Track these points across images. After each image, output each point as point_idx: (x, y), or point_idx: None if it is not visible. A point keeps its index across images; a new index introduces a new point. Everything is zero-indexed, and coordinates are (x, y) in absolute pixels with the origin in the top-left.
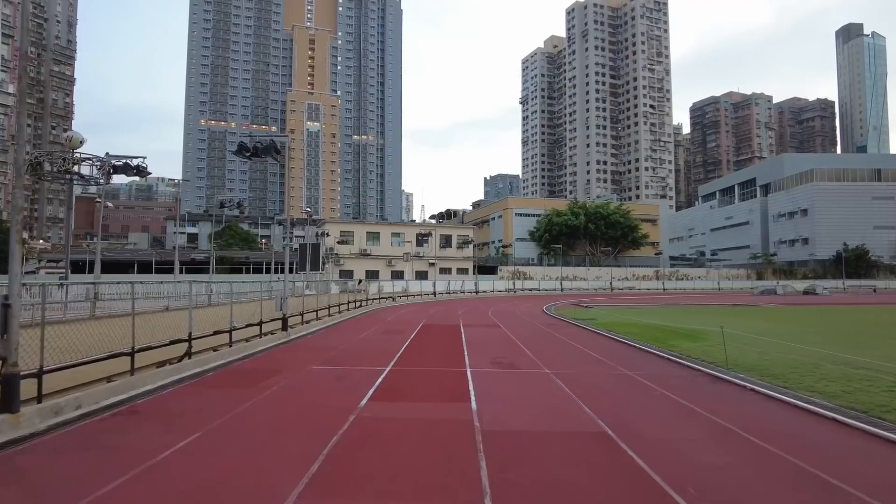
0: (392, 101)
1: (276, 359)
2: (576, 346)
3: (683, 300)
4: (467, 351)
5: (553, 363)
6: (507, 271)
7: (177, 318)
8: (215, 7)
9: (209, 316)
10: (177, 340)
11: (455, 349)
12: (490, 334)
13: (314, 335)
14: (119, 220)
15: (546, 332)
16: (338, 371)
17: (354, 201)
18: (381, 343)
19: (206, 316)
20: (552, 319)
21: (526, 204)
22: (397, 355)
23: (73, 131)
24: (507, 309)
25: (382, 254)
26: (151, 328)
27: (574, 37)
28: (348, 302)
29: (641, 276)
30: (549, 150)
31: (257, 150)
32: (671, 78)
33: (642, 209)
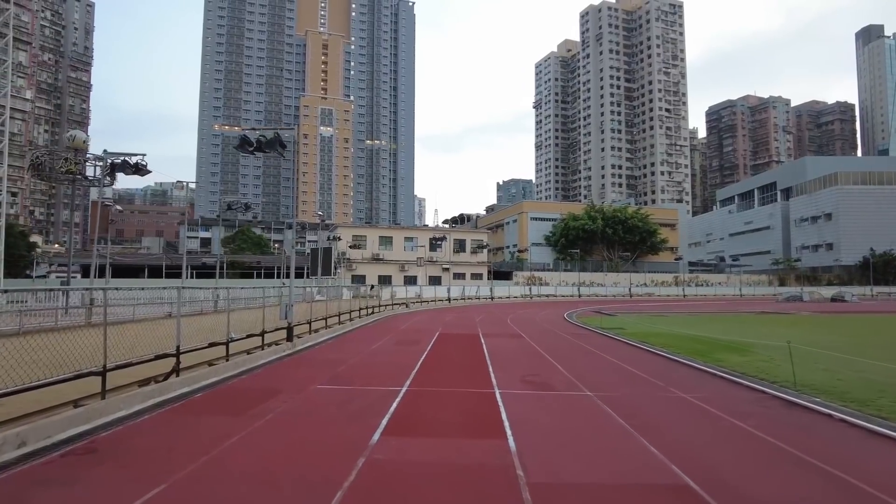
0: (405, 105)
1: (277, 375)
2: (611, 359)
3: (707, 307)
4: (492, 366)
5: (592, 382)
6: (522, 277)
7: (184, 326)
8: (229, 13)
9: (212, 324)
10: (163, 355)
11: (478, 364)
12: (513, 345)
13: (322, 346)
14: (134, 224)
15: (574, 344)
16: (346, 392)
17: (367, 206)
18: (394, 356)
19: (208, 323)
20: (577, 328)
21: (541, 208)
22: (413, 371)
23: (77, 131)
24: (526, 316)
25: (395, 258)
26: (145, 337)
27: (588, 40)
28: (360, 308)
29: (660, 281)
30: (563, 155)
31: (261, 144)
32: (687, 81)
33: (661, 213)
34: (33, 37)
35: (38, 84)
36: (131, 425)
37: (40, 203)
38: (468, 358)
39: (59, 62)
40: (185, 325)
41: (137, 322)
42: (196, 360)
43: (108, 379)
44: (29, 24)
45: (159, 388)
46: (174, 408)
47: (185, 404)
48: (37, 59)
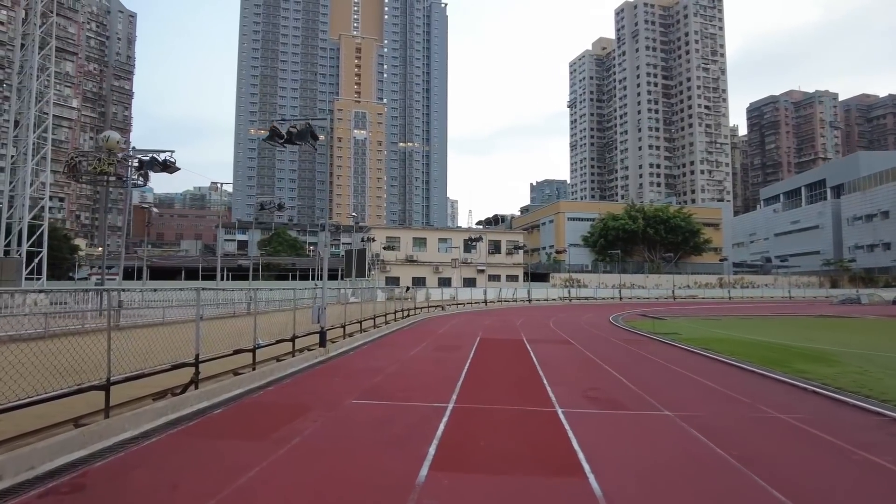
0: (437, 107)
1: (307, 386)
2: (677, 370)
3: (758, 310)
4: (546, 378)
5: (666, 399)
6: (559, 278)
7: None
8: (264, 19)
9: (240, 328)
10: (180, 364)
11: (529, 375)
12: (564, 353)
13: (357, 352)
14: (173, 228)
15: (630, 351)
16: (384, 409)
17: (400, 208)
18: (435, 364)
19: (237, 327)
20: (627, 333)
21: (579, 208)
22: (458, 384)
23: (111, 132)
24: (569, 320)
25: (429, 260)
26: (168, 342)
27: (624, 37)
28: (395, 311)
29: (704, 283)
30: (599, 154)
31: (291, 135)
32: (727, 77)
33: (704, 213)
34: (79, 47)
35: (84, 93)
36: (135, 451)
37: (86, 208)
38: (517, 367)
39: (104, 71)
40: (213, 328)
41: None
42: (221, 367)
43: (116, 393)
44: (75, 36)
45: (174, 402)
46: (188, 427)
47: (202, 423)
48: (83, 69)
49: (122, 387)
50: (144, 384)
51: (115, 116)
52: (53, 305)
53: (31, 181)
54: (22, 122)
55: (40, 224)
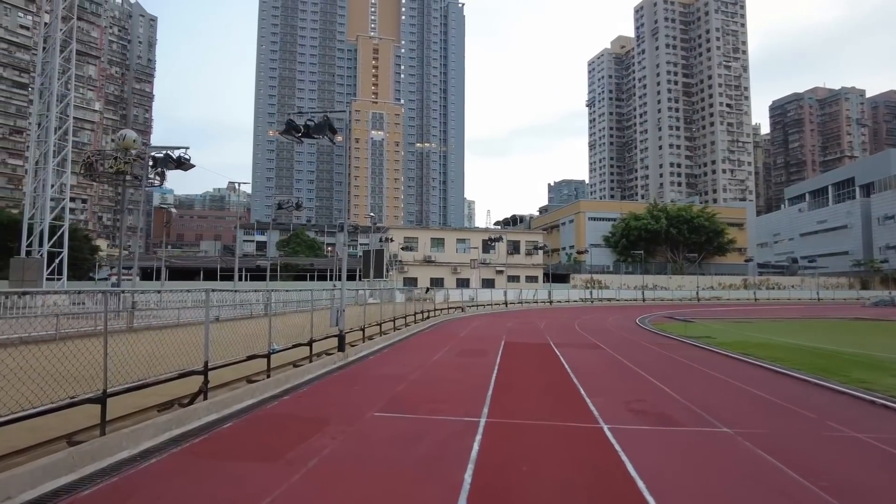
0: (454, 107)
1: (325, 396)
2: (722, 377)
3: (789, 312)
4: (582, 387)
5: (720, 412)
6: (580, 279)
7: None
8: (282, 21)
9: (256, 330)
10: (188, 373)
11: (563, 383)
12: (596, 358)
13: (377, 356)
14: (193, 229)
15: (665, 356)
16: (410, 424)
17: (417, 209)
18: (460, 371)
19: (252, 330)
20: (658, 336)
21: (599, 207)
22: (488, 394)
23: (127, 130)
24: (594, 322)
25: (447, 261)
26: (179, 346)
27: (643, 35)
28: (415, 313)
29: (728, 284)
30: (618, 154)
31: (308, 128)
32: (749, 75)
33: (728, 212)
34: (102, 51)
35: (106, 96)
36: (130, 475)
37: (108, 209)
38: (549, 375)
39: (125, 75)
40: (227, 331)
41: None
42: (234, 374)
43: (116, 404)
44: (98, 40)
45: (179, 415)
46: (193, 445)
47: (208, 440)
48: (105, 73)
49: (125, 397)
50: (151, 393)
51: (136, 119)
52: (74, 306)
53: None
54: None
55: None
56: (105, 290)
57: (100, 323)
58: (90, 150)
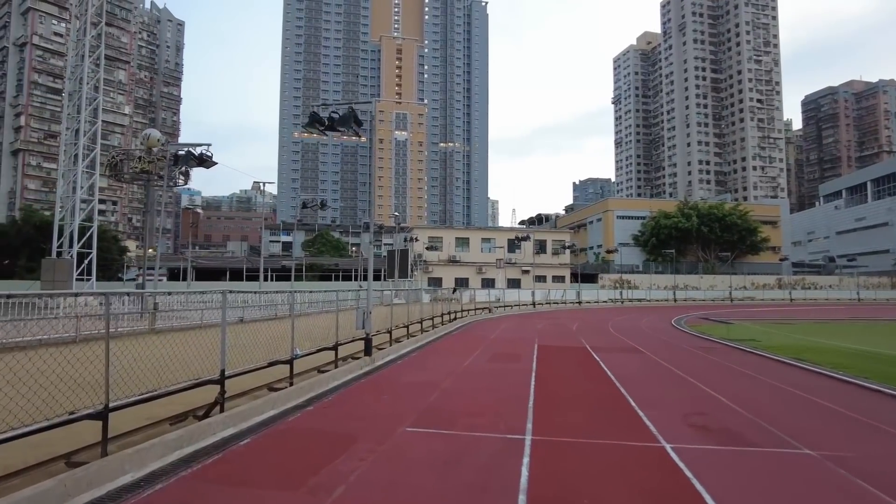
0: (478, 106)
1: (352, 406)
2: (783, 387)
3: (830, 313)
4: (631, 398)
5: (794, 429)
6: (609, 279)
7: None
8: (307, 23)
9: (280, 333)
10: (203, 382)
11: (610, 393)
12: (638, 364)
13: (405, 361)
14: (220, 230)
15: (712, 361)
16: (446, 441)
17: (441, 209)
18: (495, 378)
19: (276, 333)
20: (698, 339)
21: (628, 206)
22: (529, 405)
23: (152, 129)
24: (628, 324)
25: (472, 260)
26: (198, 350)
27: (670, 31)
28: (442, 314)
29: (762, 284)
30: (645, 151)
31: (333, 121)
32: (780, 69)
33: (761, 210)
34: (131, 56)
35: (136, 100)
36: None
37: (137, 210)
38: (592, 383)
39: (154, 78)
40: (248, 334)
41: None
42: (255, 380)
43: (125, 417)
44: (128, 45)
45: (192, 431)
46: (204, 467)
47: (222, 460)
48: (134, 77)
49: (135, 408)
50: (166, 401)
51: (164, 121)
52: (102, 307)
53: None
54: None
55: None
56: (107, 291)
57: (121, 325)
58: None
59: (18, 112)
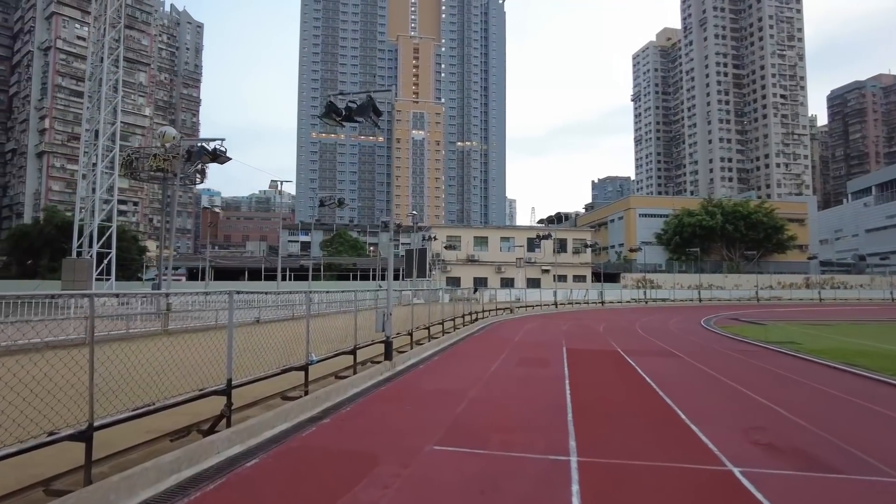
0: (496, 104)
1: (372, 419)
2: (845, 397)
3: (864, 313)
4: (680, 410)
5: (876, 450)
6: (631, 279)
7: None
8: (324, 23)
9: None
10: (207, 393)
11: (654, 404)
12: (679, 370)
13: (427, 365)
14: (240, 230)
15: (757, 367)
16: (480, 463)
17: (458, 208)
18: (526, 386)
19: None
20: (734, 342)
21: (650, 203)
22: (568, 418)
23: (168, 127)
24: (656, 325)
25: (491, 260)
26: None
27: (691, 26)
28: (463, 315)
29: (788, 284)
30: (666, 149)
31: (350, 111)
32: (805, 63)
33: (788, 207)
34: (152, 58)
35: (156, 101)
36: None
37: (158, 211)
38: (632, 392)
39: (173, 80)
40: (261, 336)
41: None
42: (268, 388)
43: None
44: (148, 48)
45: (193, 450)
46: (204, 495)
47: (225, 486)
48: (155, 79)
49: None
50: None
51: (184, 123)
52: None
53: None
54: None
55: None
56: (91, 293)
57: (133, 326)
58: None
59: (43, 115)
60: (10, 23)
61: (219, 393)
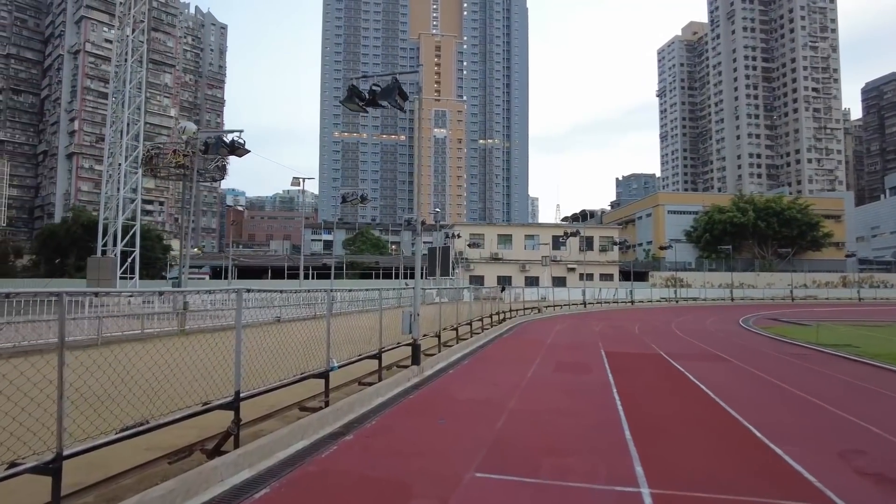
0: (518, 101)
1: (400, 437)
2: None
3: None
4: (752, 426)
5: None
6: (660, 277)
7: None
8: (346, 23)
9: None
10: (211, 408)
11: (721, 418)
12: (733, 376)
13: (457, 370)
14: (264, 229)
15: (818, 373)
16: (533, 496)
17: (480, 206)
18: (570, 395)
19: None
20: (783, 344)
21: (679, 200)
22: (626, 436)
23: (188, 122)
24: (692, 325)
25: (515, 258)
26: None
27: (718, 19)
28: (491, 315)
29: (824, 282)
30: (692, 145)
31: (374, 94)
32: (839, 55)
33: (823, 203)
34: (177, 60)
35: (181, 102)
36: None
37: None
38: (691, 403)
39: (198, 81)
40: (281, 336)
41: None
42: (284, 397)
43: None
44: (173, 49)
45: (190, 479)
46: None
47: None
48: (180, 81)
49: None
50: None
51: (209, 123)
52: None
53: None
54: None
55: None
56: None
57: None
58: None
59: (72, 117)
60: (41, 27)
61: (224, 407)
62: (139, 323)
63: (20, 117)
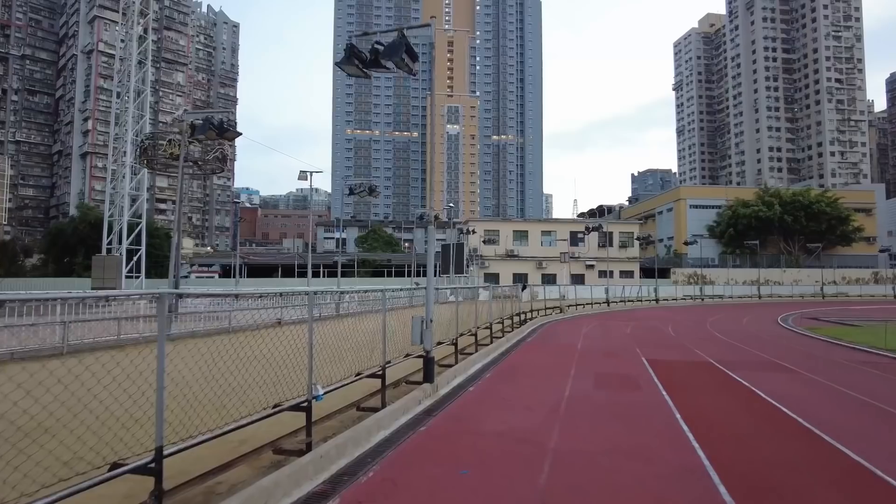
0: (532, 97)
1: (406, 491)
2: None
3: None
4: (878, 469)
5: None
6: (682, 274)
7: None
8: (357, 19)
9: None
10: (123, 471)
11: (830, 458)
12: (809, 392)
13: (478, 387)
14: (278, 227)
15: None
16: None
17: (494, 203)
18: (625, 424)
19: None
20: (844, 349)
21: (702, 194)
22: (721, 491)
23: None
24: (729, 325)
25: (531, 255)
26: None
27: (736, 10)
28: (511, 316)
29: (854, 279)
30: (710, 139)
31: (377, 53)
32: (863, 45)
33: (852, 196)
34: (189, 59)
35: (194, 101)
36: None
37: (196, 209)
38: (785, 436)
39: (211, 80)
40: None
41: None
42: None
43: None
44: (185, 48)
45: None
46: None
47: None
48: (192, 79)
49: None
50: None
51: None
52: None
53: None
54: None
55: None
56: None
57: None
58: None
59: (86, 117)
60: (55, 28)
61: (137, 471)
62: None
63: (35, 118)
